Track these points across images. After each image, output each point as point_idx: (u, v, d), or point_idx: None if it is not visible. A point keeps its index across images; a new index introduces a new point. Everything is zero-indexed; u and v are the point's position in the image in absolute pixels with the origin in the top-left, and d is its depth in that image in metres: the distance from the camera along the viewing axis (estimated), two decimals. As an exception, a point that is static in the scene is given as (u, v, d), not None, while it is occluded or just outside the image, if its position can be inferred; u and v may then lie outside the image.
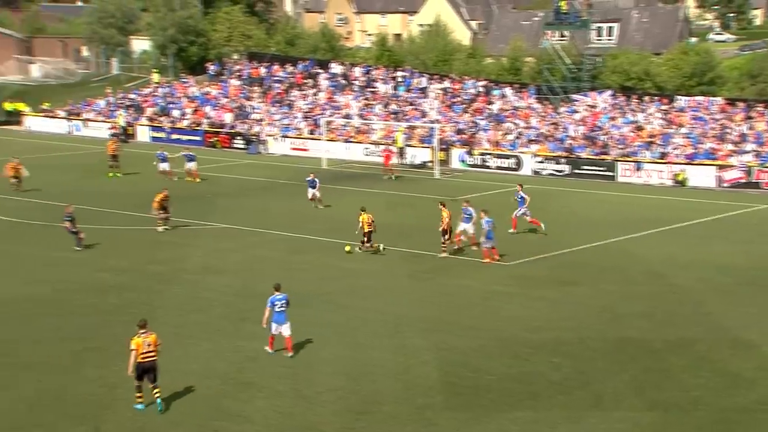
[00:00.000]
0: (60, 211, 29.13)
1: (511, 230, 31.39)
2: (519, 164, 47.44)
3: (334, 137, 52.68)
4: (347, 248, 28.42)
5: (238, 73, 65.14)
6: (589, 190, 42.40)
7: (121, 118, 59.77)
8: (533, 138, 49.08)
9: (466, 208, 29.16)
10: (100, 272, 26.02)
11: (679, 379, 18.30)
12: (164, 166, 42.25)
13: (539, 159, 47.11)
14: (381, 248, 28.26)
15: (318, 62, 64.95)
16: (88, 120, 62.42)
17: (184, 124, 58.74)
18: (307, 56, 67.86)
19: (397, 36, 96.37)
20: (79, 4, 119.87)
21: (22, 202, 36.58)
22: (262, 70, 64.19)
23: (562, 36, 65.15)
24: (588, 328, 21.51)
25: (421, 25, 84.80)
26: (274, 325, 19.17)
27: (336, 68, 62.55)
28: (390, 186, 42.23)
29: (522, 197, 31.58)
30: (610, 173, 45.30)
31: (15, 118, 66.29)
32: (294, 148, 53.76)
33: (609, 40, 72.17)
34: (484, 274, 26.46)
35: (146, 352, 16.34)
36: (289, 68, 63.70)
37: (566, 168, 46.36)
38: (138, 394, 16.54)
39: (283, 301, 19.14)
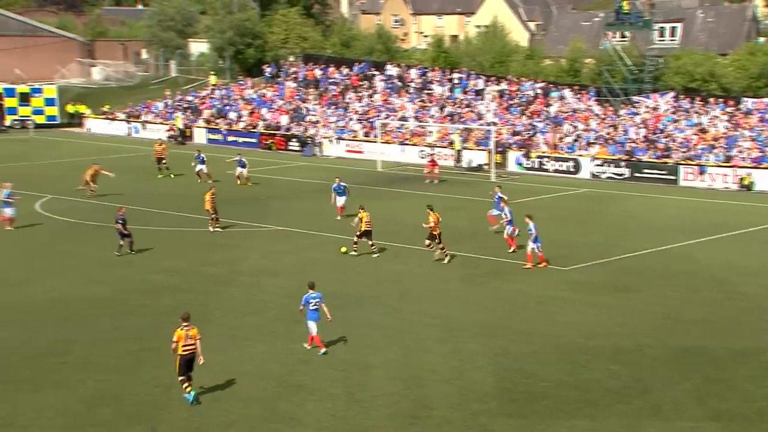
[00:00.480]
0: (115, 212, 29.63)
1: (492, 227, 32.05)
2: (577, 167, 46.92)
3: (389, 139, 52.78)
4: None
5: (294, 75, 65.72)
6: (650, 194, 41.73)
7: (179, 120, 60.75)
8: (592, 141, 48.50)
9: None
10: (156, 273, 26.46)
11: (743, 389, 17.88)
12: (201, 167, 42.76)
13: (598, 162, 46.53)
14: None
15: (374, 64, 65.17)
16: (147, 122, 63.62)
17: (241, 126, 59.46)
18: (363, 58, 68.12)
19: (454, 37, 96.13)
20: (140, 7, 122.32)
21: (78, 203, 37.40)
22: (318, 72, 64.65)
23: (623, 37, 64.27)
24: (647, 335, 21.16)
25: (478, 26, 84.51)
26: (311, 323, 19.61)
27: (392, 70, 62.67)
28: (445, 189, 42.14)
29: (499, 197, 32.04)
30: (672, 177, 44.52)
31: (77, 120, 67.91)
32: (349, 151, 54.02)
33: (672, 40, 70.87)
34: (539, 278, 26.22)
35: (187, 345, 16.93)
36: (345, 70, 64.03)
37: (626, 171, 45.71)
38: (185, 386, 17.02)
39: (317, 300, 19.62)
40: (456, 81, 59.37)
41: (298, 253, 29.11)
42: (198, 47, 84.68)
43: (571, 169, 47.06)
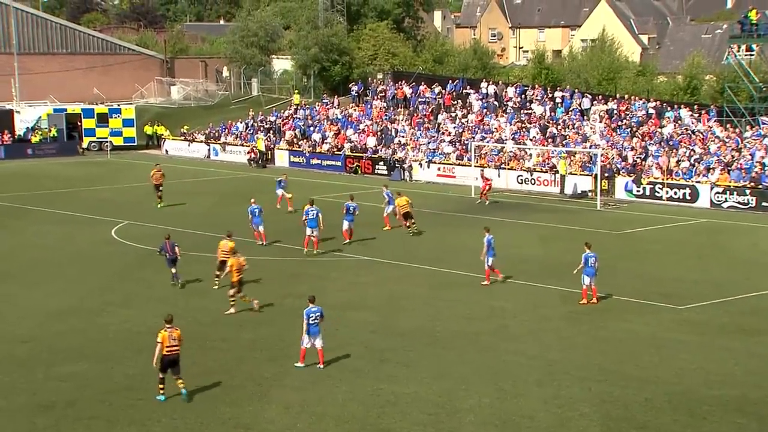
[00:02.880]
0: (189, 238, 30.32)
1: (386, 228, 36.50)
2: (694, 195, 45.86)
3: (485, 163, 52.67)
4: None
5: (382, 94, 66.38)
6: (779, 225, 40.42)
7: (260, 141, 62.03)
8: (712, 166, 47.36)
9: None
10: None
11: None
12: (283, 193, 43.03)
13: (719, 190, 45.38)
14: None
15: (468, 81, 65.30)
16: (227, 143, 65.16)
17: (325, 148, 60.29)
18: (457, 75, 68.35)
19: (557, 52, 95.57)
20: (222, 22, 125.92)
21: (153, 229, 38.42)
22: (408, 91, 65.12)
23: (750, 51, 62.75)
24: (779, 385, 20.41)
25: (584, 40, 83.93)
26: (306, 338, 20.97)
27: (488, 88, 62.65)
28: (545, 218, 41.73)
29: (389, 195, 36.79)
30: (805, 207, 43.03)
31: (154, 141, 70.12)
32: (440, 175, 54.13)
33: (804, 54, 68.85)
34: (651, 317, 25.66)
35: (171, 346, 19.08)
36: (437, 88, 64.32)
37: (751, 200, 44.41)
38: (161, 386, 19.24)
39: (318, 314, 21.00)
40: (558, 100, 58.94)
41: (383, 286, 29.26)
42: (281, 64, 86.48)
43: (688, 197, 46.01)
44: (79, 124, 68.04)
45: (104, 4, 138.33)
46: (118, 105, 71.50)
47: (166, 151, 68.01)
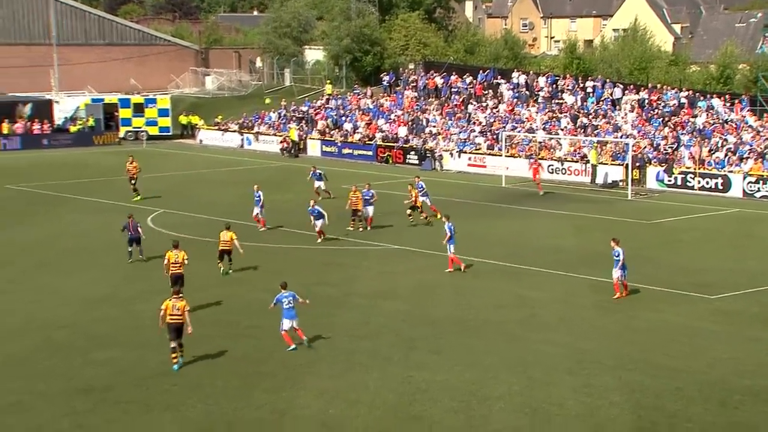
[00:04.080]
0: (220, 226, 30.33)
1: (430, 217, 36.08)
2: (727, 185, 45.32)
3: (515, 153, 52.41)
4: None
5: (413, 84, 66.24)
6: (812, 215, 39.85)
7: (293, 131, 62.16)
8: (745, 155, 46.76)
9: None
10: (267, 292, 27.00)
11: None
12: (319, 184, 42.67)
13: (752, 179, 44.81)
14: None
15: (500, 71, 64.97)
16: (260, 133, 65.38)
17: (356, 138, 60.30)
18: (488, 65, 68.01)
19: (588, 42, 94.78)
20: (255, 13, 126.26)
21: (187, 217, 38.68)
22: (439, 81, 64.92)
23: (784, 39, 61.82)
24: (811, 375, 20.15)
25: (615, 29, 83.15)
26: (286, 322, 21.75)
27: (519, 78, 62.29)
28: (576, 207, 41.45)
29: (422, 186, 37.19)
30: (838, 197, 42.40)
31: (189, 131, 70.52)
32: (471, 165, 53.95)
33: (841, 42, 67.77)
34: (683, 307, 25.43)
35: (173, 315, 20.34)
36: (468, 78, 64.06)
37: (785, 190, 43.84)
38: (173, 356, 20.39)
39: (290, 298, 21.83)
40: (590, 90, 58.46)
41: (414, 275, 29.24)
42: (313, 55, 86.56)
43: (720, 187, 45.50)
44: (116, 114, 68.59)
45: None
46: (154, 95, 72.00)
47: (201, 140, 68.39)
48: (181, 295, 20.78)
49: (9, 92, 71.57)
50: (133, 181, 43.11)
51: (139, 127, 68.60)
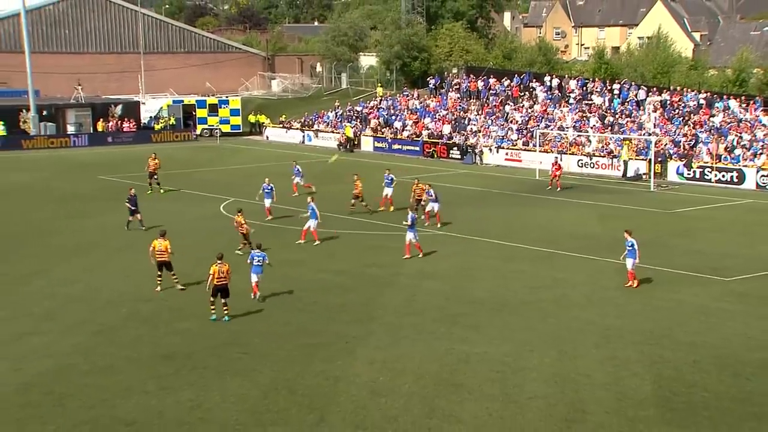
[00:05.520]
0: (281, 212, 30.56)
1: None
2: (741, 178, 44.34)
3: (548, 149, 51.84)
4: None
5: (456, 87, 65.83)
6: (821, 206, 38.82)
7: (349, 129, 62.22)
8: (759, 151, 45.68)
9: (429, 191, 33.72)
10: (325, 273, 27.18)
11: None
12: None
13: (765, 173, 43.77)
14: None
15: (534, 75, 64.26)
16: (319, 131, 65.59)
17: (405, 135, 60.18)
18: (524, 70, 67.31)
19: (615, 49, 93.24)
20: (316, 24, 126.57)
21: (254, 205, 38.90)
22: (480, 84, 64.43)
23: (795, 45, 60.17)
24: (817, 351, 19.66)
25: (640, 37, 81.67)
26: (253, 276, 23.25)
27: (552, 81, 61.55)
28: (603, 198, 40.91)
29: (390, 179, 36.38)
30: None
31: (257, 128, 71.04)
32: (508, 159, 53.52)
33: None
34: (700, 289, 24.98)
35: (220, 278, 21.62)
36: (506, 81, 63.47)
37: (795, 183, 42.77)
38: (212, 308, 21.87)
39: (261, 258, 23.17)
40: (616, 92, 57.55)
41: (456, 257, 29.11)
42: (367, 60, 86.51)
43: (735, 180, 44.53)
44: (193, 113, 69.33)
45: (216, 9, 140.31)
46: (227, 97, 72.58)
47: (267, 137, 68.82)
48: (221, 260, 21.82)
49: (103, 95, 72.81)
50: (155, 177, 42.12)
51: (214, 125, 69.24)
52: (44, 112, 63.71)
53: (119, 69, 77.85)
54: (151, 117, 68.26)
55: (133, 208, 33.06)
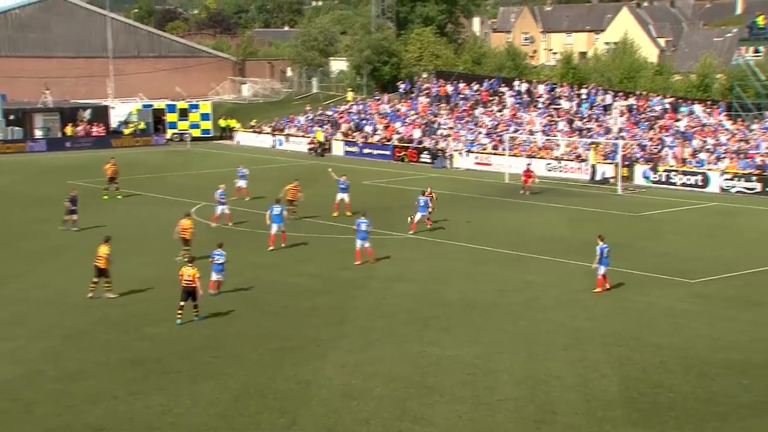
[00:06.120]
0: (253, 217, 30.42)
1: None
2: (705, 182, 44.95)
3: (517, 153, 52.17)
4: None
5: (426, 91, 66.03)
6: (783, 209, 39.47)
7: (320, 133, 62.12)
8: (722, 155, 46.36)
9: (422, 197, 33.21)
10: (295, 276, 27.10)
11: None
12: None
13: (728, 176, 44.43)
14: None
15: (503, 80, 64.64)
16: (290, 135, 65.41)
17: (375, 139, 60.24)
18: (493, 74, 67.70)
19: (583, 54, 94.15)
20: (286, 29, 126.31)
21: (232, 210, 38.69)
22: (450, 88, 64.69)
23: (757, 52, 61.21)
24: (780, 351, 19.98)
25: (607, 43, 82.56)
26: (214, 274, 23.95)
27: (520, 86, 61.98)
28: (572, 201, 41.25)
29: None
30: (806, 192, 41.97)
31: (227, 133, 70.64)
32: (478, 163, 53.74)
33: (809, 54, 66.90)
34: (667, 291, 25.27)
35: (187, 280, 21.70)
36: (475, 86, 63.80)
37: (757, 186, 43.42)
38: (179, 312, 21.81)
39: (220, 257, 23.87)
40: (584, 96, 58.10)
41: (427, 261, 29.17)
42: (338, 65, 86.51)
43: (699, 183, 45.12)
44: (163, 118, 68.81)
45: (185, 13, 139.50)
46: (197, 101, 72.12)
47: (238, 141, 68.48)
48: (191, 264, 22.07)
49: (71, 99, 71.96)
50: (115, 181, 41.33)
51: (184, 130, 68.72)
52: (11, 117, 62.84)
53: (88, 73, 77.01)
54: (120, 121, 67.60)
55: (72, 207, 33.20)
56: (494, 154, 53.40)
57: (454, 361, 19.34)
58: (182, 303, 21.91)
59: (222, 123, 71.19)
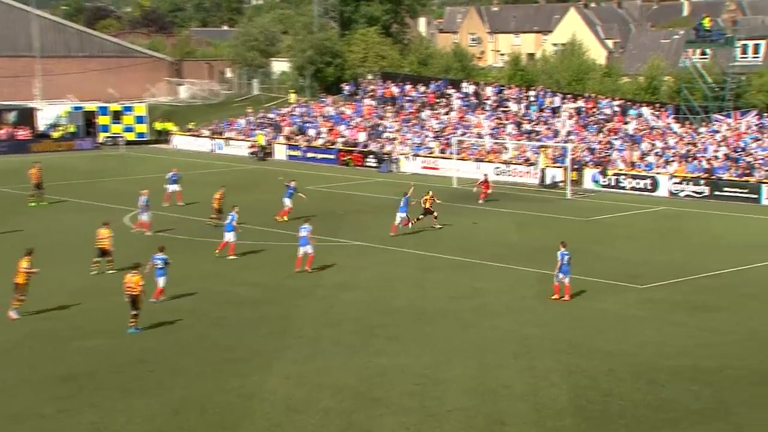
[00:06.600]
0: (194, 224, 30.25)
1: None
2: (655, 185, 46.00)
3: (465, 156, 52.67)
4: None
5: (372, 93, 66.24)
6: (731, 212, 40.60)
7: (261, 137, 61.83)
8: (671, 159, 47.51)
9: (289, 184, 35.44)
10: (239, 286, 26.94)
11: (829, 415, 17.21)
12: (174, 187, 40.56)
13: (677, 180, 45.54)
14: None
15: (450, 82, 65.21)
16: (230, 139, 64.95)
17: (319, 142, 60.21)
18: (440, 76, 68.25)
19: (531, 55, 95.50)
20: (225, 28, 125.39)
21: (162, 216, 38.29)
22: (395, 90, 65.00)
23: (704, 54, 62.88)
24: (729, 356, 20.58)
25: (555, 44, 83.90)
26: (160, 280, 24.24)
27: (468, 88, 62.62)
28: (521, 206, 41.79)
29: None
30: (754, 196, 43.23)
31: (164, 137, 69.81)
32: (425, 167, 54.09)
33: (755, 57, 69.04)
34: (617, 296, 25.79)
35: (129, 287, 21.74)
36: (422, 88, 64.23)
37: (705, 190, 44.60)
38: (131, 321, 21.86)
39: (162, 261, 24.13)
40: (532, 98, 58.96)
41: (374, 268, 29.27)
42: (280, 66, 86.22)
43: (649, 187, 46.15)
44: (95, 120, 67.68)
45: (117, 11, 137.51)
46: (131, 103, 71.12)
47: (175, 145, 67.75)
48: (135, 270, 22.03)
49: (-7, 100, 70.31)
50: (40, 187, 40.79)
51: (118, 133, 67.69)
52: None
53: (11, 73, 75.22)
54: (48, 124, 66.26)
55: None
56: (442, 157, 53.82)
57: (402, 370, 19.45)
58: (132, 311, 21.96)
59: (158, 126, 70.33)
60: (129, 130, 68.45)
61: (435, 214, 35.35)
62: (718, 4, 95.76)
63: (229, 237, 30.07)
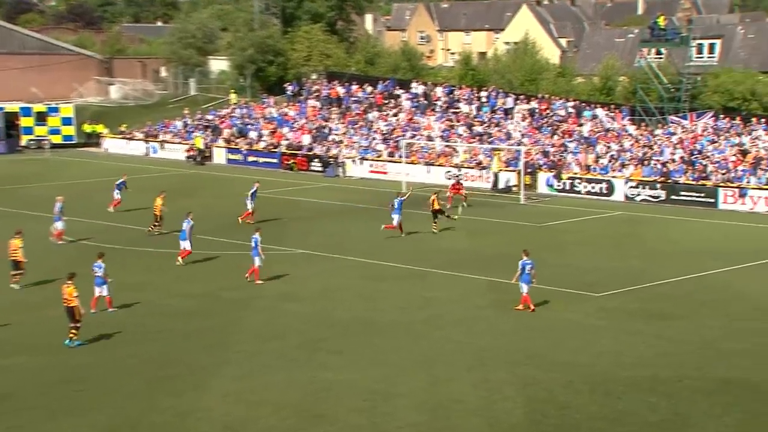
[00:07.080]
0: (127, 233, 29.85)
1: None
2: (610, 189, 46.71)
3: (415, 160, 52.86)
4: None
5: (316, 94, 66.11)
6: (688, 217, 41.43)
7: (199, 140, 61.24)
8: (626, 162, 48.31)
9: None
10: (173, 298, 26.60)
11: (788, 424, 17.62)
12: (119, 195, 41.08)
13: (633, 184, 46.30)
14: None
15: (399, 82, 65.40)
16: (165, 141, 64.18)
17: (261, 145, 59.84)
18: (388, 76, 68.41)
19: (482, 54, 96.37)
20: (159, 24, 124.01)
21: (93, 225, 37.70)
22: (341, 90, 64.99)
23: (659, 54, 64.11)
24: (686, 365, 20.94)
25: (507, 42, 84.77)
26: (96, 288, 24.25)
27: (417, 88, 62.88)
28: (471, 212, 42.00)
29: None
30: (711, 200, 44.15)
31: (94, 139, 68.65)
32: (373, 171, 54.13)
33: (711, 57, 70.58)
34: (573, 305, 26.08)
35: (64, 298, 21.77)
36: (369, 88, 64.31)
37: (662, 194, 45.43)
38: (70, 334, 21.81)
39: (99, 268, 24.33)
40: (484, 99, 59.45)
41: (319, 278, 29.16)
42: (218, 65, 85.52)
43: (604, 191, 46.84)
44: (17, 122, 66.28)
45: (41, 5, 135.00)
46: (57, 104, 69.79)
47: (106, 148, 66.70)
48: (70, 281, 21.97)
49: None
50: None
51: (42, 136, 66.40)
52: None
53: None
54: (-38, 127, 64.72)
55: None
56: (390, 161, 53.92)
57: (349, 385, 19.38)
58: (70, 324, 21.85)
59: (87, 128, 69.12)
60: (55, 132, 67.16)
61: (438, 216, 36.39)
62: (673, 2, 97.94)
63: (187, 246, 30.41)
